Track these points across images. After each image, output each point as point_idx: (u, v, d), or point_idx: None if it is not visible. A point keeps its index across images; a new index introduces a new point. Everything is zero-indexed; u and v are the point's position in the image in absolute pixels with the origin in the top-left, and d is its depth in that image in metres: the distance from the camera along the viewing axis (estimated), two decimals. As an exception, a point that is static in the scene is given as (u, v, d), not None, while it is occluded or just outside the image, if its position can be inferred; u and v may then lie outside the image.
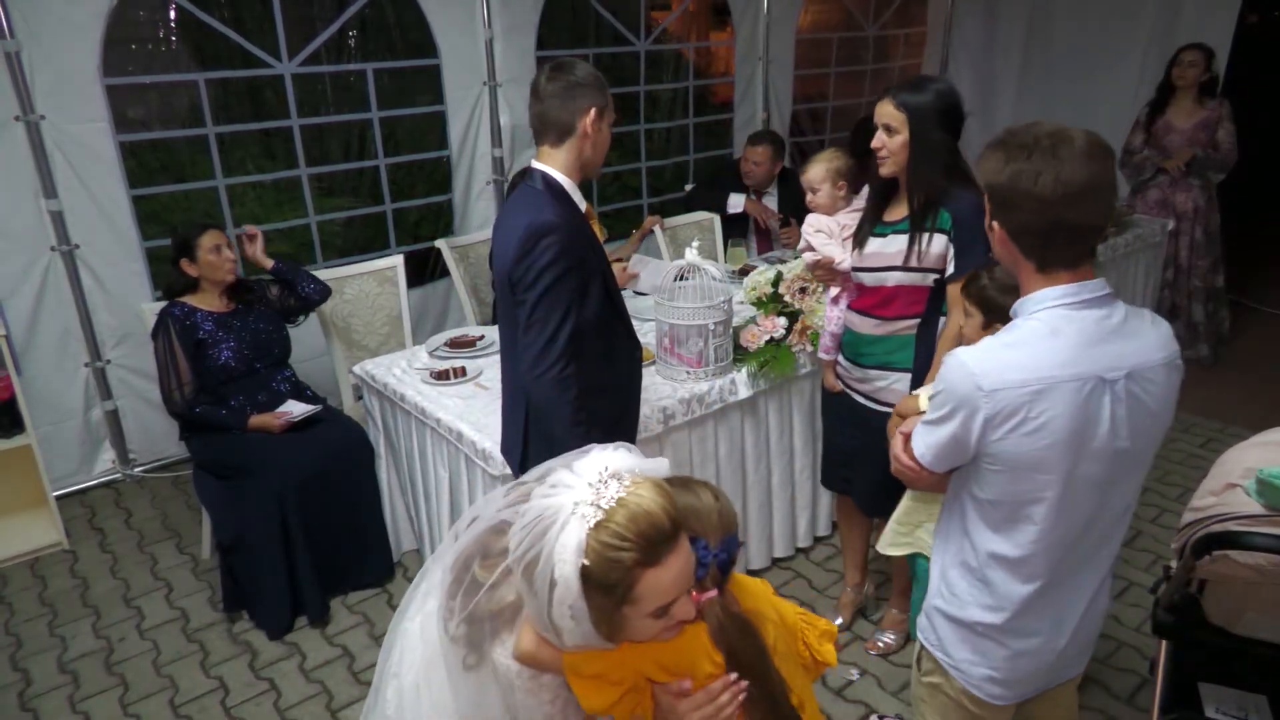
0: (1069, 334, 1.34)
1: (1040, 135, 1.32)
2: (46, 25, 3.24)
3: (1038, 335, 1.36)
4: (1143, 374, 1.37)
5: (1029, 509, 1.40)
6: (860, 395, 2.50)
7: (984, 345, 1.41)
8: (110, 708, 2.58)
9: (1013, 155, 1.33)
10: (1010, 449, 1.36)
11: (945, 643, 1.58)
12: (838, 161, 2.56)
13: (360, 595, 3.04)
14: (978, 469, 1.43)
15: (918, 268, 2.25)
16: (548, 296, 1.89)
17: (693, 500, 1.27)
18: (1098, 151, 1.31)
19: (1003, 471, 1.39)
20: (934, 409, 1.44)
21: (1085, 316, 1.35)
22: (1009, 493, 1.40)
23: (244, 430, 2.92)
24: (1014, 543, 1.43)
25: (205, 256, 2.97)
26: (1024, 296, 1.41)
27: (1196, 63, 4.30)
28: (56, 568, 3.25)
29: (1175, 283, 4.70)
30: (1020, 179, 1.31)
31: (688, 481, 1.32)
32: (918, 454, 1.48)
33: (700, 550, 1.22)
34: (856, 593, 2.85)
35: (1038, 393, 1.32)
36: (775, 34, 5.52)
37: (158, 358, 2.94)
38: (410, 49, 4.36)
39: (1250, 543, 1.58)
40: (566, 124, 1.96)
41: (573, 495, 1.13)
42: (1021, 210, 1.33)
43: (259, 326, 3.08)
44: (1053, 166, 1.29)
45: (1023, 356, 1.34)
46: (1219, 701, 1.88)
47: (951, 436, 1.40)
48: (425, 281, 4.50)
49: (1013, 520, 1.42)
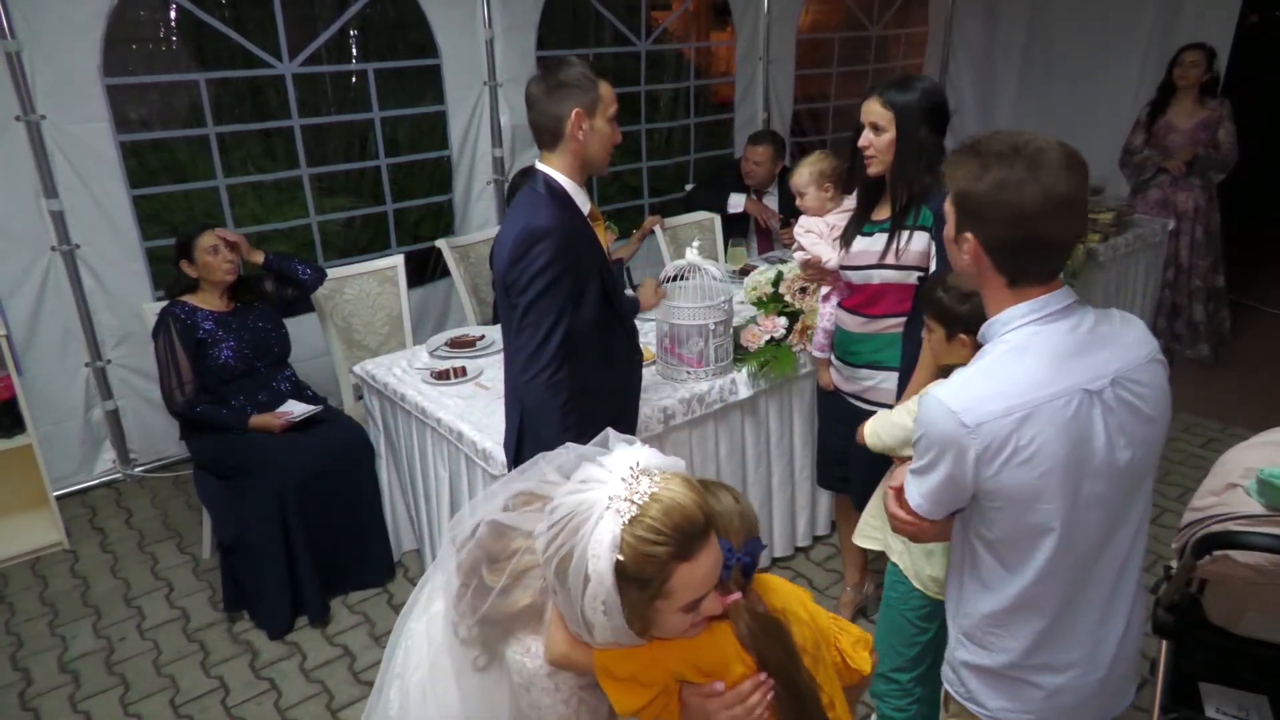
0: (1039, 351, 1.28)
1: (1019, 144, 1.26)
2: (47, 25, 3.24)
3: (1008, 358, 1.30)
4: (1129, 377, 1.31)
5: (1040, 540, 1.33)
6: (849, 395, 2.50)
7: (956, 379, 1.34)
8: (111, 707, 2.58)
9: (991, 164, 1.25)
10: (1007, 483, 1.28)
11: (977, 694, 1.48)
12: (823, 164, 2.58)
13: (361, 595, 3.04)
14: (980, 510, 1.36)
15: (899, 265, 2.25)
16: (540, 301, 1.90)
17: (714, 502, 1.25)
18: (1075, 163, 1.26)
19: (1005, 508, 1.32)
20: (919, 455, 1.37)
21: (1052, 330, 1.30)
22: (1016, 529, 1.33)
23: (244, 430, 2.92)
24: (1029, 578, 1.35)
25: (203, 257, 2.97)
26: (992, 318, 1.35)
27: (1198, 63, 4.29)
28: (57, 567, 3.26)
29: (1176, 282, 4.70)
30: (1004, 189, 1.24)
31: (707, 484, 1.31)
32: (913, 505, 1.40)
33: (724, 552, 1.21)
34: (856, 592, 2.85)
35: (1022, 419, 1.25)
36: (776, 34, 5.52)
37: (158, 357, 2.94)
38: (411, 49, 4.36)
39: (1250, 543, 1.58)
40: (555, 128, 1.96)
41: (606, 490, 1.14)
42: (1000, 222, 1.26)
43: (259, 325, 3.09)
44: (1035, 177, 1.23)
45: (998, 383, 1.28)
46: (1219, 701, 1.88)
47: (945, 479, 1.33)
48: (426, 281, 4.50)
49: (1026, 556, 1.35)
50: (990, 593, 1.41)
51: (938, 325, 1.87)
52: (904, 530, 1.48)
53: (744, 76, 5.53)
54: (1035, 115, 5.83)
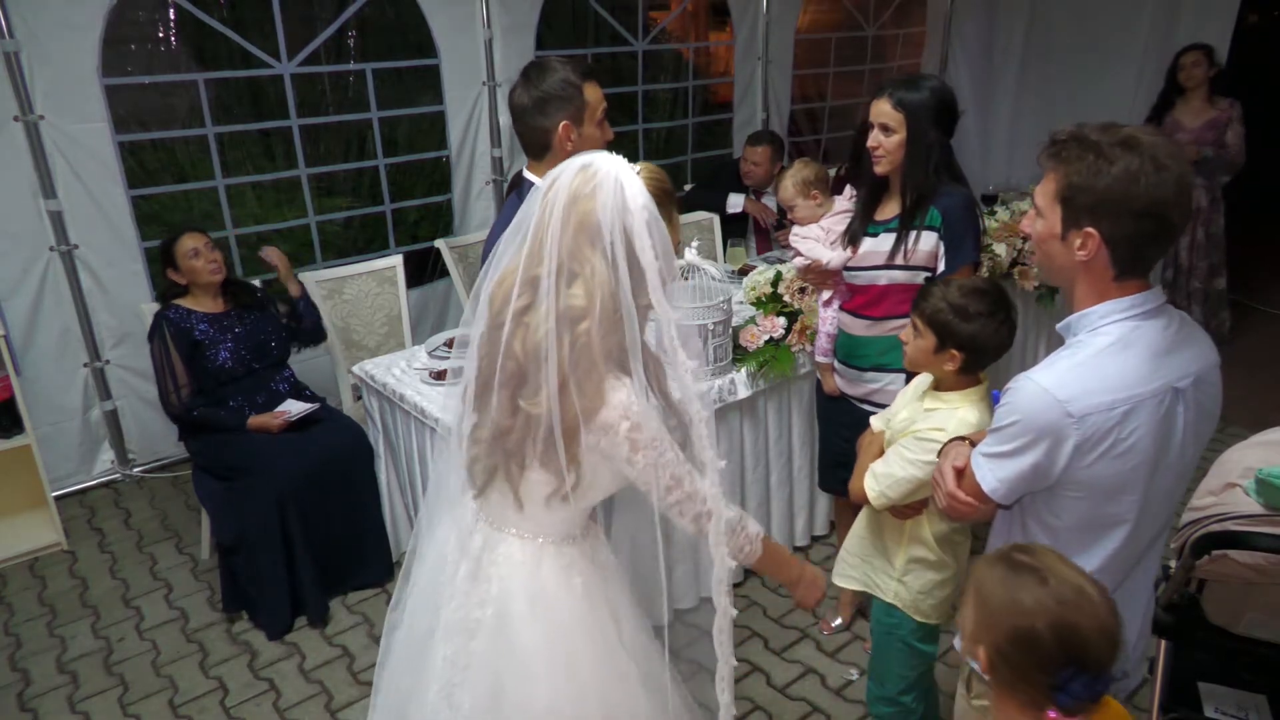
0: (1141, 347, 1.30)
1: (1133, 134, 1.26)
2: (46, 25, 3.24)
3: (1112, 351, 1.30)
4: (1205, 379, 1.35)
5: (1113, 530, 1.35)
6: (855, 399, 2.50)
7: (1059, 367, 1.33)
8: (110, 708, 2.58)
9: (1115, 155, 1.24)
10: (1098, 474, 1.30)
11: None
12: (804, 172, 2.57)
13: (360, 595, 3.04)
14: (1053, 495, 1.36)
15: (907, 265, 2.25)
16: None
17: (1079, 616, 1.08)
18: (1176, 150, 1.27)
19: (1084, 498, 1.33)
20: (1005, 440, 1.35)
21: (1151, 326, 1.31)
22: (1089, 517, 1.35)
23: (243, 431, 2.91)
24: (1094, 564, 1.36)
25: (186, 262, 2.95)
26: (1085, 310, 1.35)
27: (1199, 62, 4.29)
28: (56, 568, 3.25)
29: (1175, 283, 4.70)
30: (1135, 181, 1.23)
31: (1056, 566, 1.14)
32: (988, 488, 1.38)
33: (1078, 685, 1.07)
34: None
35: (1127, 413, 1.27)
36: (774, 34, 5.52)
37: (154, 362, 2.94)
38: (410, 49, 4.36)
39: (1250, 542, 1.58)
40: (543, 141, 1.94)
41: (606, 170, 1.30)
42: (1131, 214, 1.25)
43: (257, 327, 3.08)
44: (1164, 165, 1.23)
45: (1105, 375, 1.28)
46: (1218, 701, 1.88)
47: (1033, 466, 1.32)
48: (424, 281, 4.50)
49: (1092, 544, 1.37)
50: None
51: (929, 333, 1.81)
52: (957, 511, 1.47)
53: (743, 77, 5.53)
54: (1033, 115, 5.83)
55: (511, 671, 1.42)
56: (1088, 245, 1.30)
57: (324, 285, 3.53)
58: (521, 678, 1.41)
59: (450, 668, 1.44)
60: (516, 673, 1.42)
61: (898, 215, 2.27)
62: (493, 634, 1.43)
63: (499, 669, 1.42)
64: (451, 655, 1.44)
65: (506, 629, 1.42)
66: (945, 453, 1.57)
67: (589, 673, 1.43)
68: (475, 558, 1.46)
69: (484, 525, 1.48)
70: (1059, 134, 1.32)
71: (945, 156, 2.20)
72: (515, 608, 1.43)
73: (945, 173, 2.21)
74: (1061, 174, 1.31)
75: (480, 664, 1.43)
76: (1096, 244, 1.30)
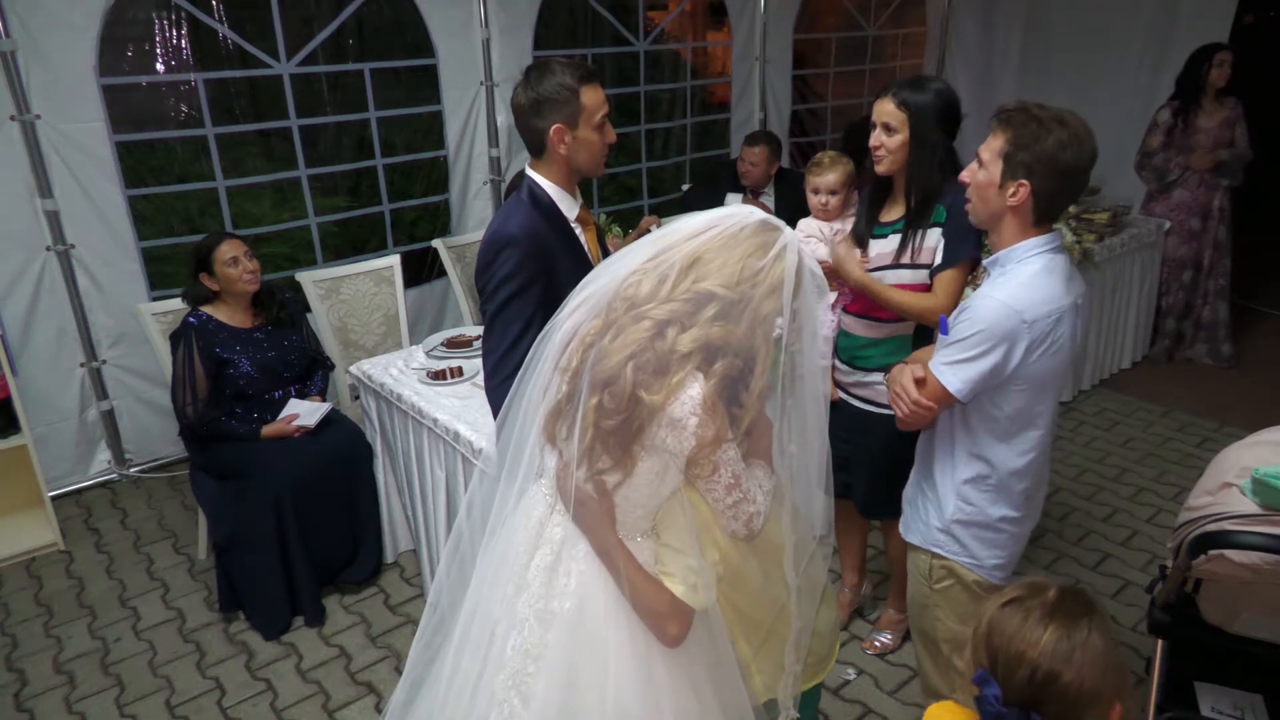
0: (1059, 272, 1.70)
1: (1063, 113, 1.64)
2: (43, 25, 3.23)
3: (1043, 275, 1.68)
4: (1081, 302, 1.74)
5: (1038, 418, 1.74)
6: (859, 400, 2.49)
7: (1008, 287, 1.67)
8: (106, 708, 2.57)
9: (1051, 127, 1.61)
10: (1038, 369, 1.68)
11: (969, 546, 1.84)
12: (851, 166, 2.59)
13: (357, 596, 3.04)
14: (1000, 390, 1.71)
15: (914, 265, 2.25)
16: (507, 308, 1.90)
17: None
18: (1090, 130, 1.64)
19: (1026, 389, 1.70)
20: (968, 347, 1.67)
21: (1060, 258, 1.71)
22: (1026, 406, 1.72)
23: (256, 440, 2.88)
24: (1021, 449, 1.76)
25: (223, 270, 2.88)
26: (1011, 246, 1.70)
27: (1227, 60, 4.28)
28: (52, 568, 3.25)
29: (1194, 283, 4.68)
30: (1064, 149, 1.60)
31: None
32: (954, 389, 1.70)
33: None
34: (854, 593, 2.86)
35: (1057, 320, 1.66)
36: (772, 34, 5.52)
37: (175, 369, 2.87)
38: (408, 49, 4.36)
39: (1245, 542, 1.59)
40: (538, 141, 1.95)
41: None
42: (1056, 174, 1.62)
43: (283, 346, 3.01)
44: (1086, 139, 1.62)
45: (1042, 291, 1.66)
46: (1215, 701, 1.88)
47: (991, 367, 1.67)
48: (422, 281, 4.50)
49: (1022, 429, 1.74)
50: (988, 464, 1.79)
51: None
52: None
53: (740, 77, 5.53)
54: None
55: (588, 666, 1.40)
56: (1019, 194, 1.66)
57: (321, 285, 3.53)
58: (598, 674, 1.39)
59: (523, 657, 1.42)
60: (593, 668, 1.40)
61: (902, 216, 2.28)
62: (571, 627, 1.40)
63: (575, 662, 1.40)
64: (524, 645, 1.42)
65: (586, 624, 1.40)
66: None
67: (665, 676, 1.41)
68: (555, 550, 1.45)
69: (561, 516, 1.46)
70: (1008, 105, 1.69)
71: (949, 157, 2.21)
72: (596, 604, 1.41)
73: (950, 173, 2.21)
74: (1008, 136, 1.65)
75: (555, 656, 1.40)
76: (1026, 193, 1.65)
